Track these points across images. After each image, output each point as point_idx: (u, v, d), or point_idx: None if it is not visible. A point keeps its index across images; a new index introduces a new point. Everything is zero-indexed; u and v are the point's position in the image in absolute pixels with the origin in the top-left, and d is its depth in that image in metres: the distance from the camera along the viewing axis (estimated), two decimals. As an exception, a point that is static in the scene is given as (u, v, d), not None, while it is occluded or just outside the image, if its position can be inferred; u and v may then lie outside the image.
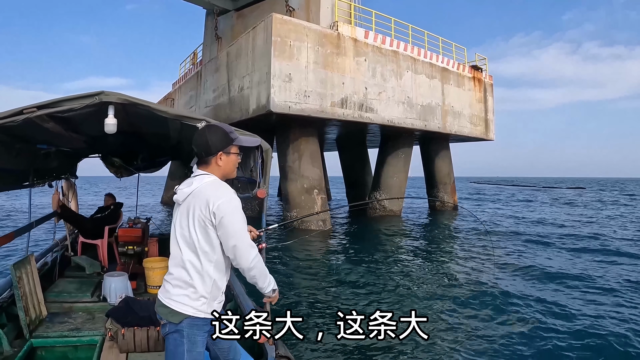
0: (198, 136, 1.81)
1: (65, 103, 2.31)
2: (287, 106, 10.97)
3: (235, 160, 1.83)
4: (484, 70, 18.06)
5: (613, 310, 5.20)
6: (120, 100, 2.37)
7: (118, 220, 5.70)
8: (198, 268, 1.70)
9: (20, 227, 3.93)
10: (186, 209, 1.71)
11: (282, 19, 11.05)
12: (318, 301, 5.60)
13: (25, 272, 3.22)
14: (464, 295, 5.86)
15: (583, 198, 31.16)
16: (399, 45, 13.93)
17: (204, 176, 1.74)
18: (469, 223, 14.89)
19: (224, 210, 1.64)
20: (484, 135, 18.20)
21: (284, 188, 13.21)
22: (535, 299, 5.62)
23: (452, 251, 9.26)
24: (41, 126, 2.59)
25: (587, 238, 11.32)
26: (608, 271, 7.38)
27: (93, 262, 4.68)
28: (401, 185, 16.26)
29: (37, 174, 4.03)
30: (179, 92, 19.66)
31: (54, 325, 3.15)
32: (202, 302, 1.70)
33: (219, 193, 1.67)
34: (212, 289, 1.73)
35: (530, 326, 4.62)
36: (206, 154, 1.76)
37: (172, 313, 1.70)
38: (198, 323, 1.71)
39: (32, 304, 3.15)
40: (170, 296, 1.72)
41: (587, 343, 4.21)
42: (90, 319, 3.35)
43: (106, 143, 4.51)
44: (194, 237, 1.69)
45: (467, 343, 4.21)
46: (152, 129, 3.56)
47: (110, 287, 3.74)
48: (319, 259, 8.43)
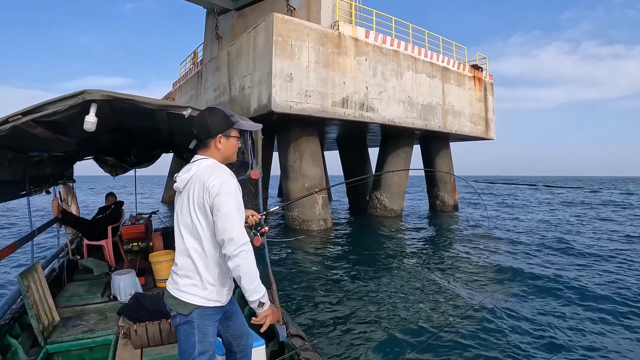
0: (198, 118, 1.77)
1: (49, 106, 2.25)
2: (289, 106, 10.99)
3: (235, 144, 1.80)
4: (484, 70, 18.09)
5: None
6: (104, 97, 2.32)
7: (120, 218, 5.73)
8: (202, 255, 1.66)
9: (22, 237, 3.90)
10: (187, 195, 1.68)
11: (283, 18, 11.07)
12: (320, 301, 5.63)
13: (33, 281, 3.22)
14: (463, 299, 5.89)
15: (581, 198, 31.22)
16: (400, 45, 13.96)
17: (202, 160, 1.72)
18: (469, 223, 14.94)
19: (217, 190, 1.59)
20: (485, 135, 18.23)
21: (285, 187, 13.23)
22: (540, 307, 5.64)
23: (453, 254, 9.25)
24: (29, 133, 2.54)
25: (584, 239, 11.36)
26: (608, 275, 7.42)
27: (100, 263, 4.72)
28: (402, 184, 16.29)
29: (32, 181, 3.99)
30: (179, 92, 19.67)
31: (67, 329, 3.17)
32: (210, 290, 1.68)
33: (216, 174, 1.63)
34: (220, 275, 1.69)
35: (536, 336, 4.63)
36: (206, 136, 1.72)
37: (181, 304, 1.67)
38: (208, 313, 1.69)
39: (44, 311, 3.17)
40: (178, 287, 1.69)
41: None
42: (102, 319, 3.39)
43: (98, 143, 4.47)
44: (195, 223, 1.65)
45: (467, 349, 4.23)
46: (141, 123, 3.53)
47: (119, 285, 3.78)
48: (318, 260, 8.44)
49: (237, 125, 1.80)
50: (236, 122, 1.79)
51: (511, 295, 5.86)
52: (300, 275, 6.97)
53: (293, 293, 5.82)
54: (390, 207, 15.87)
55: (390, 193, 15.94)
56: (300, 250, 9.06)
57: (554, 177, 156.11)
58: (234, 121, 1.79)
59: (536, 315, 5.06)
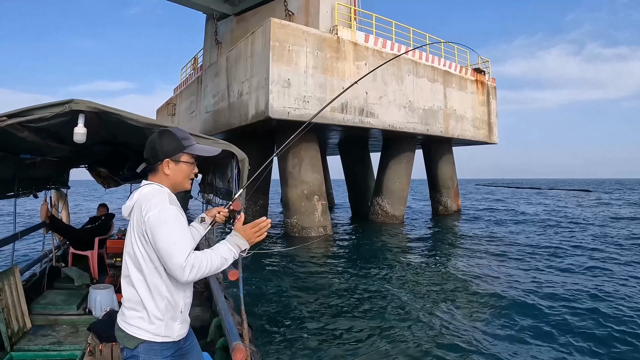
0: (149, 140, 1.65)
1: (35, 112, 2.24)
2: (286, 112, 10.85)
3: (186, 170, 1.67)
4: (487, 73, 17.89)
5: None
6: (90, 108, 2.28)
7: (109, 231, 5.61)
8: (146, 287, 1.55)
9: (4, 238, 3.86)
10: (130, 224, 1.59)
11: (280, 23, 10.96)
12: (316, 312, 5.44)
13: (8, 284, 3.17)
14: (467, 309, 5.68)
15: (590, 201, 30.76)
16: (400, 49, 13.81)
17: (145, 186, 1.61)
18: (472, 229, 14.69)
19: (152, 223, 1.48)
20: (487, 139, 18.00)
21: (284, 194, 13.09)
22: (543, 308, 5.44)
23: (456, 264, 8.98)
24: (17, 135, 2.53)
25: (591, 244, 11.09)
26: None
27: (82, 273, 4.63)
28: (403, 190, 16.08)
29: (22, 183, 3.95)
30: (180, 98, 19.64)
31: (36, 338, 3.13)
32: (157, 324, 1.55)
33: (150, 204, 1.51)
34: (167, 308, 1.56)
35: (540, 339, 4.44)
36: (153, 160, 1.62)
37: (127, 337, 1.56)
38: (155, 348, 1.56)
39: (15, 316, 3.12)
40: (125, 319, 1.59)
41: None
42: (74, 332, 3.31)
43: (92, 152, 4.41)
44: (137, 253, 1.55)
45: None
46: (134, 138, 3.45)
47: (96, 299, 3.68)
48: (318, 269, 8.25)
49: (190, 149, 1.66)
50: (188, 147, 1.66)
51: (517, 303, 5.64)
52: (281, 296, 6.32)
53: (273, 318, 5.27)
54: (391, 213, 15.65)
55: (392, 199, 15.73)
56: (295, 263, 8.72)
57: (559, 180, 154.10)
58: (186, 145, 1.66)
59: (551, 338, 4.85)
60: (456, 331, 4.77)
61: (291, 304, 5.84)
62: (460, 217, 18.00)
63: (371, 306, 5.73)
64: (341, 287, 6.75)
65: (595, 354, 4.18)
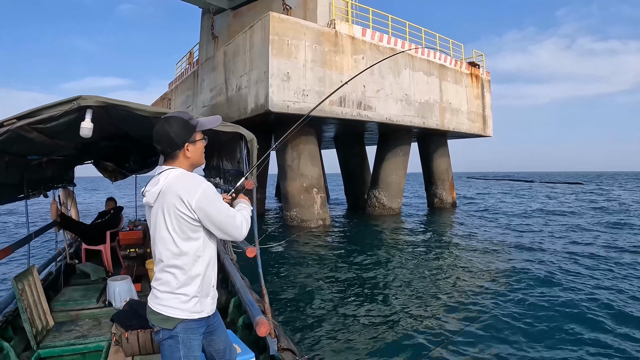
0: (158, 132, 1.65)
1: (44, 111, 2.24)
2: (286, 105, 10.93)
3: (201, 147, 1.74)
4: (481, 67, 18.07)
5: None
6: (98, 103, 2.29)
7: (119, 224, 5.68)
8: (183, 269, 1.63)
9: (19, 240, 3.87)
10: (161, 210, 1.62)
11: (279, 17, 10.99)
12: (320, 298, 5.59)
13: (28, 284, 3.19)
14: (462, 297, 5.87)
15: (582, 192, 31.30)
16: (397, 43, 13.91)
17: (170, 171, 1.65)
18: (467, 221, 14.94)
19: (203, 203, 1.57)
20: (482, 132, 18.22)
21: (283, 187, 13.17)
22: (539, 302, 5.64)
23: (451, 253, 9.24)
24: (26, 137, 2.52)
25: (585, 236, 11.37)
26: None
27: (97, 268, 4.68)
28: (400, 183, 16.27)
29: (31, 184, 3.95)
30: (175, 92, 19.55)
31: (61, 334, 3.15)
32: (194, 302, 1.64)
33: (190, 187, 1.58)
34: (202, 285, 1.66)
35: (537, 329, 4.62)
36: (172, 148, 1.65)
37: (165, 319, 1.63)
38: (192, 326, 1.66)
39: (38, 314, 3.14)
40: (160, 302, 1.65)
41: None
42: (96, 325, 3.35)
43: (98, 148, 4.44)
44: (174, 237, 1.61)
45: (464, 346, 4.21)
46: (138, 129, 3.48)
47: (115, 291, 3.73)
48: (317, 258, 8.41)
49: (199, 126, 1.73)
50: (197, 124, 1.72)
51: (515, 296, 5.83)
52: (295, 281, 6.77)
53: (288, 301, 5.66)
54: (388, 206, 15.84)
55: (389, 192, 15.91)
56: (296, 252, 8.96)
57: (550, 173, 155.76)
58: (195, 124, 1.71)
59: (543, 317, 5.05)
60: (454, 309, 4.97)
61: (298, 289, 6.05)
62: (456, 210, 18.27)
63: (376, 292, 5.92)
64: (348, 276, 6.92)
65: (596, 343, 4.37)
